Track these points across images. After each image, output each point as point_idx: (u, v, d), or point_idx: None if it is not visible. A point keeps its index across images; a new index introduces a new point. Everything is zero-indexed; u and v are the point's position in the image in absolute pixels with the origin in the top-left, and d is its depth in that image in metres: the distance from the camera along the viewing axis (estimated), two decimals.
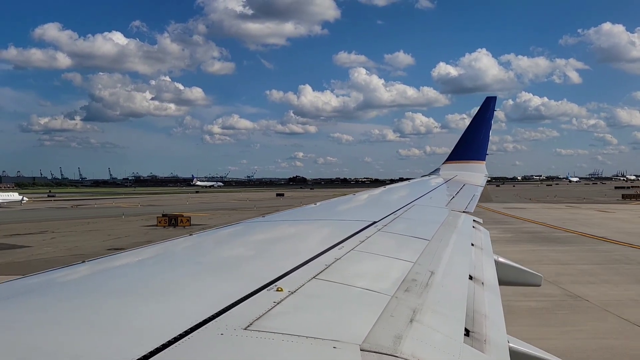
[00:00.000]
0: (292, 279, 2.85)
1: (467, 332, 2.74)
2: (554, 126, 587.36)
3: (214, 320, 2.13)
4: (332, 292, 2.79)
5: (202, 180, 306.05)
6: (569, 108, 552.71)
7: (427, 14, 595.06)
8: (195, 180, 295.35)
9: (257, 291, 2.57)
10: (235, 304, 2.35)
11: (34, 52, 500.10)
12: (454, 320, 2.76)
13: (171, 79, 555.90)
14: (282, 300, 2.48)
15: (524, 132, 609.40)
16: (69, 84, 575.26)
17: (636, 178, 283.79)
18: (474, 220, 7.27)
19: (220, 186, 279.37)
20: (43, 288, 2.92)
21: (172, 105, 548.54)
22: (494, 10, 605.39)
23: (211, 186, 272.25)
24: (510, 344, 2.98)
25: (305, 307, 2.48)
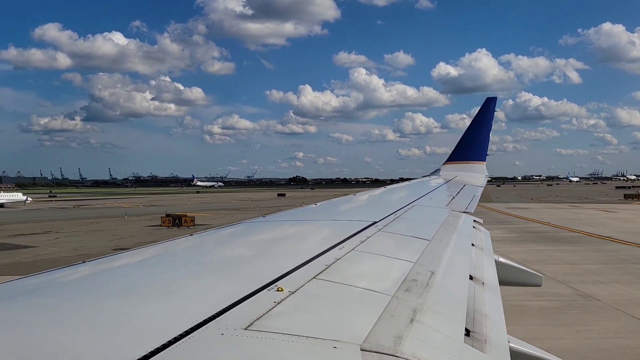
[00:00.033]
0: (292, 279, 2.85)
1: (467, 332, 2.74)
2: (554, 126, 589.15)
3: (214, 320, 2.13)
4: (333, 292, 2.79)
5: (202, 181, 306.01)
6: (569, 108, 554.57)
7: (427, 14, 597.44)
8: (195, 180, 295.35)
9: (258, 291, 2.57)
10: (235, 304, 2.35)
11: (34, 52, 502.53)
12: (454, 320, 2.76)
13: (171, 79, 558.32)
14: (282, 300, 2.48)
15: (524, 132, 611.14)
16: (69, 84, 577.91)
17: (637, 178, 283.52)
18: (474, 220, 7.27)
19: (220, 186, 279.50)
20: (43, 288, 2.92)
21: (172, 106, 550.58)
22: (494, 10, 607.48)
23: (212, 186, 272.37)
24: (511, 344, 2.98)
25: (305, 307, 2.48)
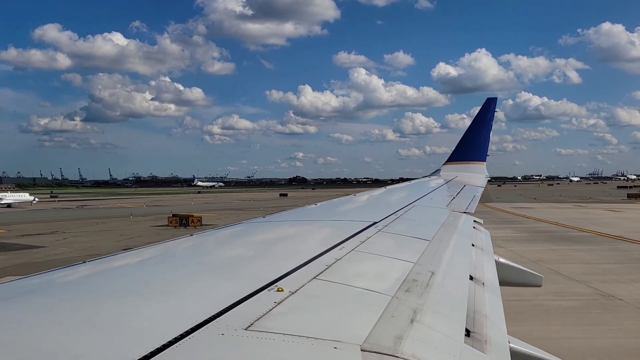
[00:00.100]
0: (292, 279, 2.85)
1: (467, 333, 2.74)
2: (553, 126, 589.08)
3: (214, 320, 2.13)
4: (333, 293, 2.79)
5: (202, 181, 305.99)
6: (569, 108, 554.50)
7: (427, 14, 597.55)
8: (196, 180, 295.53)
9: (258, 291, 2.57)
10: (236, 304, 2.35)
11: (33, 52, 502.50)
12: (454, 320, 2.76)
13: (171, 80, 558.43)
14: (282, 300, 2.48)
15: (524, 132, 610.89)
16: (69, 85, 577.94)
17: (637, 178, 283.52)
18: (474, 220, 7.28)
19: (221, 186, 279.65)
20: (43, 288, 2.92)
21: (172, 106, 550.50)
22: (494, 10, 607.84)
23: (212, 186, 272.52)
24: (511, 344, 2.98)
25: (306, 308, 2.48)
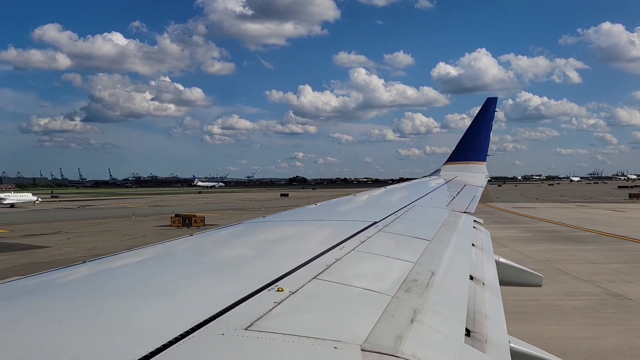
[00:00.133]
0: (292, 279, 2.85)
1: (467, 333, 2.74)
2: (553, 126, 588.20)
3: (214, 320, 2.13)
4: (333, 293, 2.79)
5: (203, 181, 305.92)
6: (569, 108, 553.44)
7: (427, 14, 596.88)
8: (196, 180, 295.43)
9: (258, 291, 2.57)
10: (236, 304, 2.35)
11: (33, 52, 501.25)
12: (454, 320, 2.76)
13: (171, 80, 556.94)
14: (282, 300, 2.48)
15: (524, 131, 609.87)
16: (69, 85, 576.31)
17: (637, 177, 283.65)
18: (474, 220, 7.28)
19: (221, 186, 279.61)
20: (43, 288, 2.92)
21: (172, 106, 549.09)
22: (494, 10, 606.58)
23: (212, 186, 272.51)
24: (511, 344, 2.98)
25: (306, 308, 2.48)
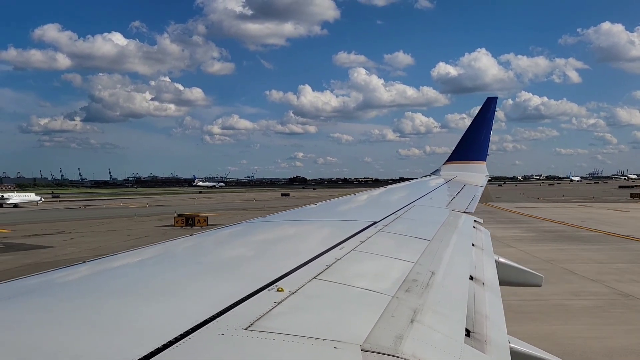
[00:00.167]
0: (292, 279, 2.85)
1: (467, 333, 2.74)
2: (553, 125, 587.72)
3: (214, 320, 2.13)
4: (333, 293, 2.79)
5: (203, 181, 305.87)
6: (569, 107, 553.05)
7: (427, 14, 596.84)
8: (196, 180, 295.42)
9: (258, 291, 2.57)
10: (236, 304, 2.35)
11: (33, 53, 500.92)
12: (454, 320, 2.76)
13: (171, 80, 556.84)
14: (282, 300, 2.48)
15: (524, 131, 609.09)
16: (69, 85, 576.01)
17: (637, 177, 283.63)
18: (474, 220, 7.28)
19: (221, 186, 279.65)
20: (43, 288, 2.92)
21: (172, 106, 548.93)
22: (494, 10, 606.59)
23: (213, 186, 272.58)
24: (511, 344, 2.98)
25: (306, 308, 2.48)
